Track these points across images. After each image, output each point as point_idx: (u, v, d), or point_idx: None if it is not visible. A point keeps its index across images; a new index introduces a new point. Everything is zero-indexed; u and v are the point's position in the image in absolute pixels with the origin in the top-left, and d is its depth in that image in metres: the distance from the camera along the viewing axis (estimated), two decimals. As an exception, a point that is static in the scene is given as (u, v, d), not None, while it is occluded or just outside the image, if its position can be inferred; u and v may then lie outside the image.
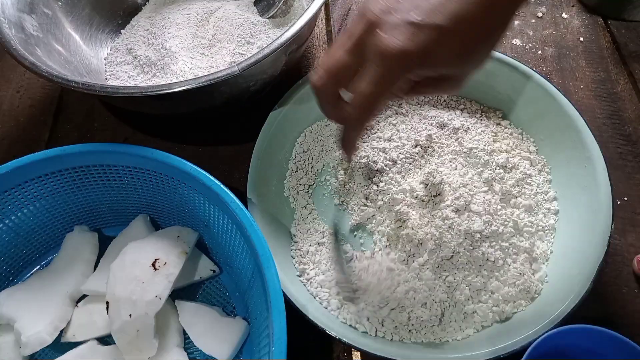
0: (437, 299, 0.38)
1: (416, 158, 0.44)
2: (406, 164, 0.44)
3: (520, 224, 0.41)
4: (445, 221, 0.39)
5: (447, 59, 0.26)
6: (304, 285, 0.40)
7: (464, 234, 0.39)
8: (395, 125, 0.47)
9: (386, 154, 0.45)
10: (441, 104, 0.50)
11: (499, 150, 0.45)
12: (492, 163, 0.43)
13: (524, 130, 0.47)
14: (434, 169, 0.42)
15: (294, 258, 0.42)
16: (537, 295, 0.38)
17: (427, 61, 0.26)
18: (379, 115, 0.32)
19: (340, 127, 0.31)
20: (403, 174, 0.44)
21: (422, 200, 0.42)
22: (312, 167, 0.47)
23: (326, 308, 0.38)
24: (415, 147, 0.45)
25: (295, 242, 0.42)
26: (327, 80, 0.28)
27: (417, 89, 0.30)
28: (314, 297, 0.39)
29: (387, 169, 0.44)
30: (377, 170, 0.44)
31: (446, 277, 0.39)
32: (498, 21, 0.26)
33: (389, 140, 0.46)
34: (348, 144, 0.31)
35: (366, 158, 0.44)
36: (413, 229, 0.40)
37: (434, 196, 0.42)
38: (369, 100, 0.27)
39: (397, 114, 0.48)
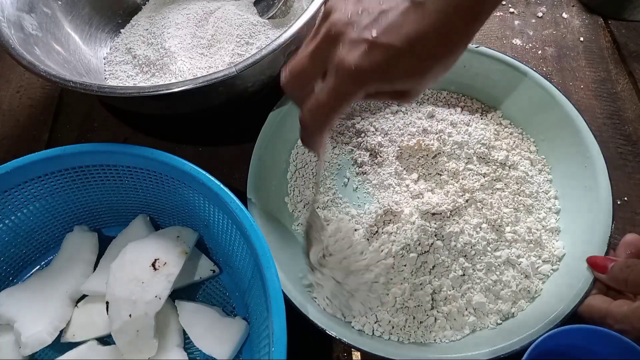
0: (438, 298, 0.38)
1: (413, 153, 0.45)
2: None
3: (521, 223, 0.41)
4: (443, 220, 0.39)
5: (402, 77, 0.27)
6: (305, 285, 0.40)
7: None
8: (392, 120, 0.47)
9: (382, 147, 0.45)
10: (441, 101, 0.50)
11: (499, 147, 0.45)
12: (492, 161, 0.43)
13: (524, 130, 0.47)
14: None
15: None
16: (537, 295, 0.38)
17: (382, 78, 0.27)
18: (338, 118, 0.35)
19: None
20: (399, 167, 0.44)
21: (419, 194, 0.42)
22: (312, 168, 0.47)
23: (325, 309, 0.38)
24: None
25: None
26: (291, 80, 0.30)
27: (373, 97, 0.31)
28: (315, 298, 0.39)
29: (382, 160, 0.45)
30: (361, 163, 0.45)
31: (447, 275, 0.39)
32: (454, 41, 0.26)
33: (387, 133, 0.46)
34: (307, 143, 0.32)
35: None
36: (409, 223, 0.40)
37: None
38: (323, 108, 0.28)
39: (398, 111, 0.48)
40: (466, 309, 0.38)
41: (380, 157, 0.45)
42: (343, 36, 0.27)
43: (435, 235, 0.40)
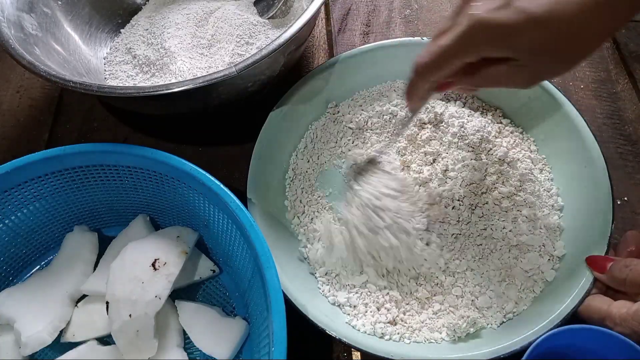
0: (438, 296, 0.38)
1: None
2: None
3: (522, 222, 0.41)
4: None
5: (528, 46, 0.27)
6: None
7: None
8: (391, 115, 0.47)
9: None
10: (440, 98, 0.49)
11: (499, 144, 0.45)
12: (492, 157, 0.43)
13: (524, 130, 0.47)
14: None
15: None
16: (537, 295, 0.38)
17: (508, 40, 0.27)
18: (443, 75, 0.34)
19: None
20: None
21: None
22: (312, 168, 0.47)
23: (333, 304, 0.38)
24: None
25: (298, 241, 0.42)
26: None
27: (484, 71, 0.31)
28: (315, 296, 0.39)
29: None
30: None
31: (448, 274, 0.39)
32: (596, 31, 0.26)
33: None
34: (410, 92, 0.34)
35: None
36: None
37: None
38: (441, 52, 0.29)
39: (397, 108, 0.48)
40: (470, 308, 0.38)
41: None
42: None
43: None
